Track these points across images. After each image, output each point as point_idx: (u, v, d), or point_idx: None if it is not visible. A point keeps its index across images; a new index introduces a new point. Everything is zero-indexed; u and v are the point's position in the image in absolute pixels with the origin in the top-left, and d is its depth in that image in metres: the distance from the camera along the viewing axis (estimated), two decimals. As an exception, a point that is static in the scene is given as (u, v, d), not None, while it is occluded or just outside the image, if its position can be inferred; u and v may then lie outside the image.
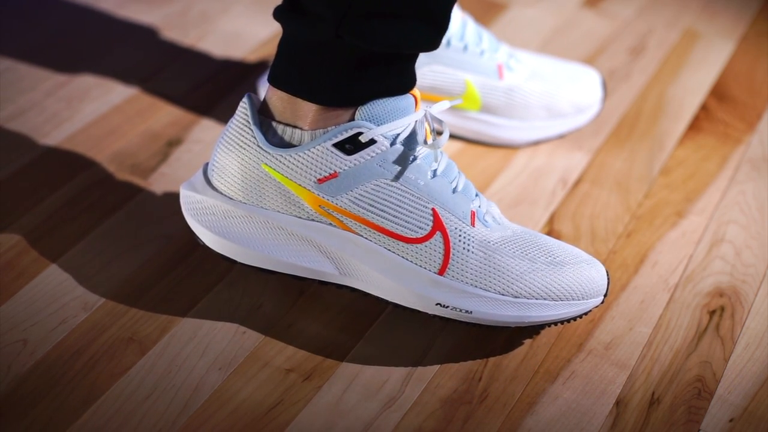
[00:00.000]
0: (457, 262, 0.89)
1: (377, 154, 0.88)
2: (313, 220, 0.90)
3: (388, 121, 0.88)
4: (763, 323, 0.97)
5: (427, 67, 1.13)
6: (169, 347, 0.91)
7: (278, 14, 0.88)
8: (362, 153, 0.88)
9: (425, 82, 1.13)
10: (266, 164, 0.89)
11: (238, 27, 1.32)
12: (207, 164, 0.93)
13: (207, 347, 0.91)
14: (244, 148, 0.89)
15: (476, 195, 0.92)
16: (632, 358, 0.93)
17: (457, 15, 1.14)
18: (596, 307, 0.93)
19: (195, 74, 1.24)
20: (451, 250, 0.89)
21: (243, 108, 0.89)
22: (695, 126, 1.22)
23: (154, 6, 1.34)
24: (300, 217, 0.90)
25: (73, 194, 1.05)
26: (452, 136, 1.17)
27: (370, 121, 0.88)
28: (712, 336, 0.95)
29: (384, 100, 0.88)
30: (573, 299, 0.91)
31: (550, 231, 1.06)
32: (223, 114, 1.17)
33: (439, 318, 0.91)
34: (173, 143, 1.13)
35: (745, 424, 0.88)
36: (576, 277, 0.91)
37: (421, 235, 0.89)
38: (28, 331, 0.91)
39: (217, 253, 0.92)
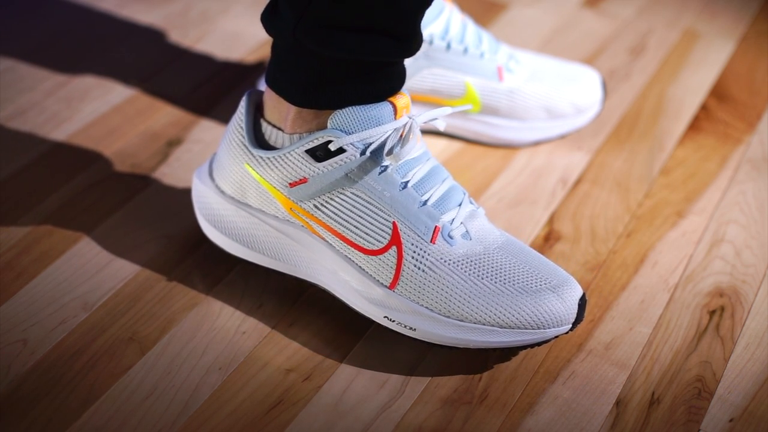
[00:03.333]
0: (406, 279, 0.89)
1: (345, 163, 0.88)
2: (287, 220, 0.92)
3: (359, 130, 0.88)
4: (763, 323, 0.97)
5: (427, 70, 1.13)
6: (169, 347, 0.91)
7: (262, 15, 0.89)
8: (331, 161, 0.88)
9: (425, 85, 1.13)
10: (248, 164, 0.92)
11: (238, 27, 1.32)
12: (215, 155, 0.97)
13: (207, 347, 0.91)
14: (235, 146, 0.92)
15: (458, 205, 0.91)
16: (632, 358, 0.93)
17: (457, 17, 1.14)
18: (564, 334, 0.90)
19: (195, 74, 1.24)
20: (402, 266, 0.89)
21: (240, 106, 0.92)
22: (695, 126, 1.22)
23: (154, 6, 1.34)
24: (277, 217, 0.92)
25: (72, 194, 1.05)
26: (452, 137, 1.17)
27: (342, 128, 0.88)
28: (712, 336, 0.95)
29: (357, 107, 0.88)
30: (526, 328, 0.88)
31: (550, 231, 1.06)
32: (223, 114, 1.17)
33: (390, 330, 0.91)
34: (173, 143, 1.13)
35: (745, 424, 0.88)
36: (533, 306, 0.87)
37: (378, 248, 0.89)
38: (28, 331, 0.91)
39: (215, 245, 0.97)
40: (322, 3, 0.84)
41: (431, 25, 1.12)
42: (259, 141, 0.92)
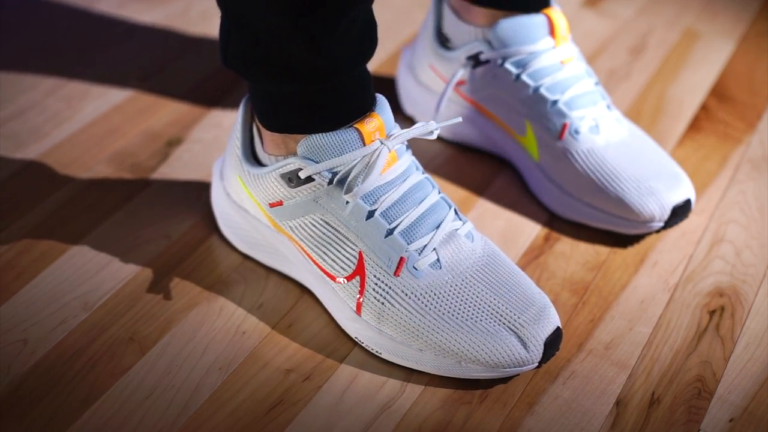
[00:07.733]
0: (368, 308, 0.89)
1: (314, 191, 0.88)
2: (276, 231, 0.94)
3: (325, 158, 0.87)
4: (763, 323, 0.97)
5: (493, 88, 1.07)
6: (169, 347, 0.91)
7: None
8: (302, 188, 0.89)
9: (490, 106, 1.08)
10: (239, 176, 0.94)
11: (238, 27, 1.32)
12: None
13: (207, 347, 0.91)
14: (233, 155, 0.95)
15: (436, 227, 0.89)
16: (632, 358, 0.93)
17: (581, 65, 1.06)
18: (526, 371, 0.89)
19: (195, 74, 1.24)
20: (364, 296, 0.89)
21: (238, 114, 0.94)
22: (695, 126, 1.22)
23: (155, 5, 1.34)
24: (268, 226, 0.94)
25: (73, 194, 1.05)
26: (452, 141, 1.17)
27: (310, 155, 0.87)
28: (712, 336, 0.95)
29: (320, 135, 0.87)
30: (484, 366, 0.87)
31: (550, 231, 1.06)
32: (223, 114, 1.17)
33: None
34: (173, 143, 1.13)
35: (745, 424, 0.88)
36: (492, 347, 0.86)
37: (345, 275, 0.89)
38: (28, 331, 0.91)
39: (215, 244, 1.00)
40: (238, 39, 0.85)
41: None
42: (254, 150, 0.94)
